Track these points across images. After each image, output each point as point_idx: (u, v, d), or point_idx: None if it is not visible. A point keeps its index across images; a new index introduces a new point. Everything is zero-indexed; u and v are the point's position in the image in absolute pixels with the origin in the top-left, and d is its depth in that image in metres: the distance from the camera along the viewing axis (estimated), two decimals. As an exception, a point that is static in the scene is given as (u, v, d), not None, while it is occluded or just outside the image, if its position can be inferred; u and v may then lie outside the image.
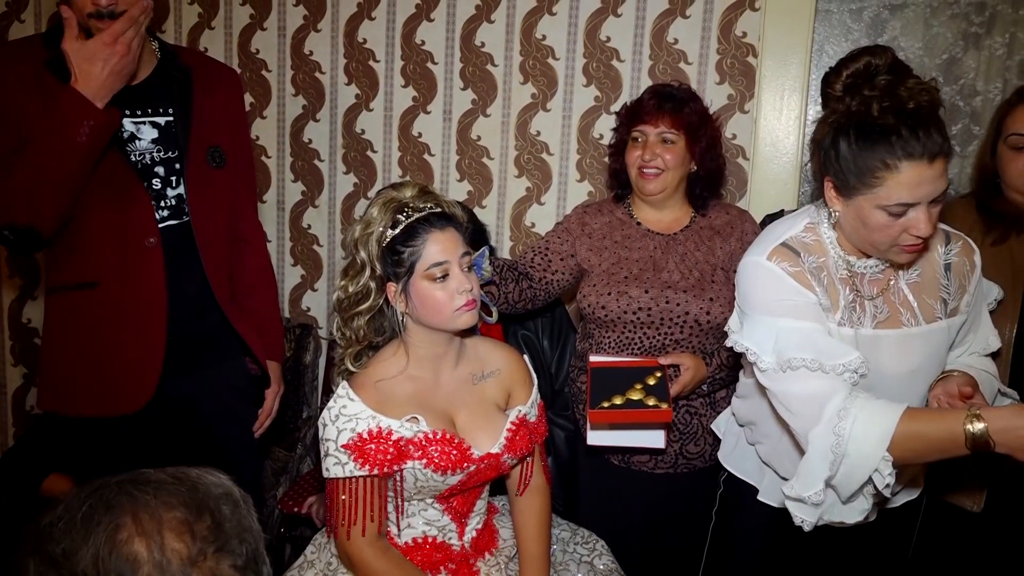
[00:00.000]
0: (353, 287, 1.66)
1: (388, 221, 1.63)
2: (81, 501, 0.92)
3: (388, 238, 1.62)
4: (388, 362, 1.70)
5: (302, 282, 3.18)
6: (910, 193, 1.42)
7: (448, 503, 1.74)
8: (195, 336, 2.03)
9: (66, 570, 0.86)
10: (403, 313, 1.67)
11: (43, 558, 0.88)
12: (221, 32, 3.07)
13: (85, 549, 0.87)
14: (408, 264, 1.62)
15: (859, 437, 1.41)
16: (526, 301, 2.25)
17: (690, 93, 2.21)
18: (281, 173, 3.12)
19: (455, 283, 1.63)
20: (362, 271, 1.64)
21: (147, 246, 1.90)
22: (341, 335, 1.73)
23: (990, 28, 2.59)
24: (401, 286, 1.63)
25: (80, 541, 0.88)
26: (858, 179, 1.46)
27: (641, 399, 1.93)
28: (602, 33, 2.73)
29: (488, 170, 2.91)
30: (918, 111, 1.42)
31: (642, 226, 2.24)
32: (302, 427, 3.03)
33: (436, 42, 2.88)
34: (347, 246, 1.69)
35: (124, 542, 0.89)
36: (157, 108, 1.95)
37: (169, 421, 2.04)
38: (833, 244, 1.61)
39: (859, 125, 1.45)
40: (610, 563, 1.96)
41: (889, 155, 1.41)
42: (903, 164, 1.41)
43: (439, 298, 1.62)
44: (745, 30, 2.62)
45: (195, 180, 1.98)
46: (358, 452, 1.60)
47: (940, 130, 1.43)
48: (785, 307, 1.55)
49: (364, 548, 1.62)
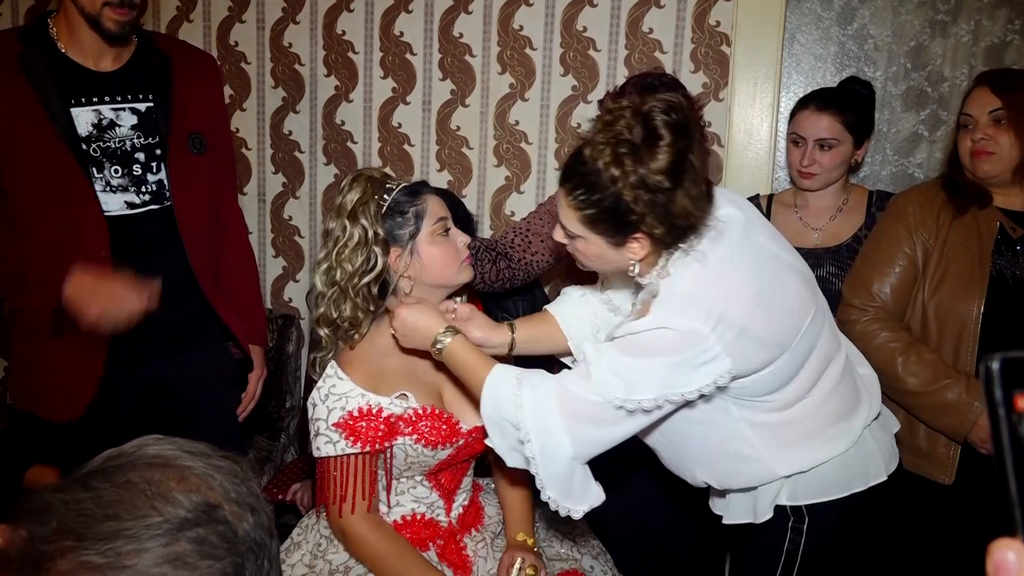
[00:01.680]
0: (354, 261, 1.63)
1: (379, 191, 1.66)
2: (86, 488, 0.85)
3: (387, 202, 1.66)
4: (376, 339, 1.72)
5: (284, 273, 3.19)
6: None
7: (436, 479, 1.77)
8: (176, 320, 2.04)
9: (150, 525, 0.82)
10: (404, 277, 1.68)
11: (95, 538, 0.81)
12: (200, 24, 3.08)
13: (157, 501, 0.83)
14: (413, 223, 1.66)
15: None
16: (504, 281, 2.27)
17: (674, 83, 2.22)
18: (261, 165, 3.14)
19: (459, 237, 1.71)
20: (362, 242, 1.63)
21: (99, 258, 1.90)
22: (339, 316, 1.67)
23: (956, 16, 2.65)
24: (408, 247, 1.66)
25: (139, 500, 0.83)
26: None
27: None
28: (578, 23, 2.77)
29: (467, 160, 2.94)
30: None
31: None
32: (285, 416, 3.04)
33: (415, 33, 2.91)
34: (332, 227, 1.67)
35: (178, 482, 0.86)
36: (136, 94, 1.96)
37: (152, 405, 2.06)
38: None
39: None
40: (592, 539, 2.00)
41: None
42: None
43: (447, 251, 1.69)
44: (719, 19, 2.67)
45: (177, 166, 1.99)
46: (349, 430, 1.62)
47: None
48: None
49: (356, 523, 1.65)
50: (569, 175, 1.46)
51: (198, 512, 0.84)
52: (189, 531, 0.83)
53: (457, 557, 1.76)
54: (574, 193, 1.44)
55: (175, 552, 0.81)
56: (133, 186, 1.95)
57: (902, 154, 2.77)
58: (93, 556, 0.79)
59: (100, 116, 1.91)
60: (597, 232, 1.46)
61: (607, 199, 1.40)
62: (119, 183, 1.94)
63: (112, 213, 1.93)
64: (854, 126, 2.27)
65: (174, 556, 0.81)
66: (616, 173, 1.37)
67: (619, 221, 1.42)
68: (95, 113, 1.91)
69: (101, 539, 0.79)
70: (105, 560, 0.79)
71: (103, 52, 1.93)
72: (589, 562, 1.92)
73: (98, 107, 1.91)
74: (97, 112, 1.91)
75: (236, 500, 0.88)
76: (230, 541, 0.85)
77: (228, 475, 0.90)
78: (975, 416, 1.94)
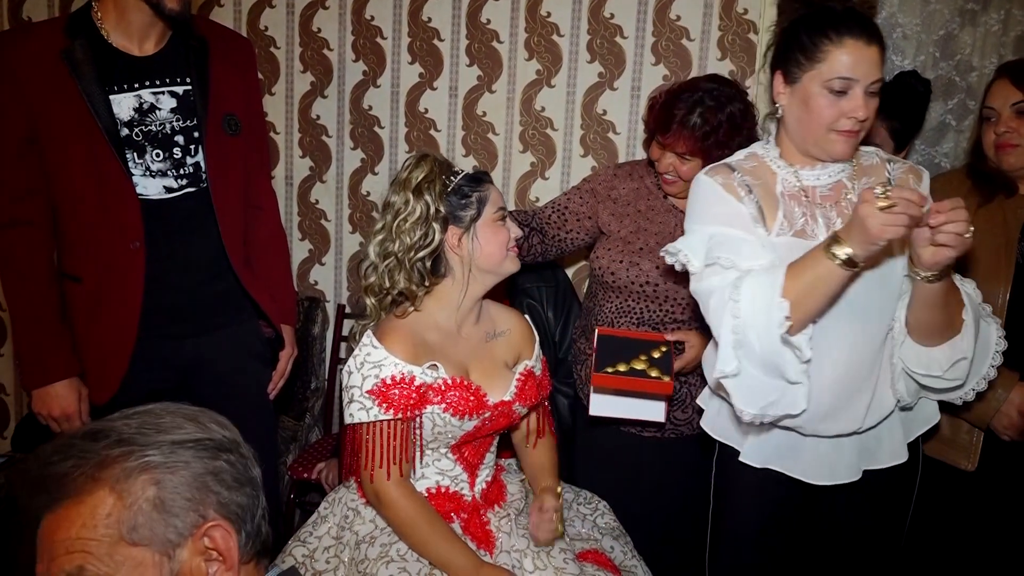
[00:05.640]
0: (412, 234, 1.72)
1: (447, 172, 1.76)
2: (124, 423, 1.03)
3: (454, 183, 1.75)
4: (419, 313, 1.78)
5: (310, 256, 3.23)
6: (850, 68, 1.59)
7: (460, 453, 1.81)
8: (209, 299, 2.09)
9: (198, 440, 1.01)
10: (460, 257, 1.76)
11: (150, 445, 0.99)
12: (231, 9, 3.12)
13: (190, 426, 1.02)
14: (476, 207, 1.75)
15: (751, 296, 1.54)
16: (535, 255, 2.29)
17: (721, 100, 2.09)
18: (289, 149, 3.17)
19: (513, 228, 1.80)
20: (423, 217, 1.72)
21: (131, 249, 1.95)
22: (393, 286, 1.76)
23: (986, 5, 2.64)
24: (467, 228, 1.75)
25: (184, 421, 1.03)
26: (805, 56, 1.63)
27: (644, 369, 1.98)
28: (606, 10, 2.78)
29: (493, 145, 2.97)
30: (860, 9, 1.65)
31: (668, 200, 2.25)
32: (310, 397, 3.09)
33: (442, 19, 2.93)
34: (394, 200, 1.76)
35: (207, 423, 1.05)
36: (175, 78, 2.00)
37: (185, 382, 2.10)
38: (776, 161, 1.74)
39: (812, 13, 1.65)
40: (612, 521, 2.03)
41: (833, 31, 1.60)
42: (846, 39, 1.59)
43: (501, 238, 1.77)
44: (746, 7, 2.67)
45: (213, 148, 2.03)
46: (382, 397, 1.67)
47: (875, 25, 1.63)
48: (714, 214, 1.70)
49: (391, 489, 1.69)
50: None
51: (230, 442, 1.03)
52: (225, 454, 1.01)
53: (481, 531, 1.79)
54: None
55: (216, 467, 0.99)
56: (172, 169, 1.98)
57: (929, 143, 2.76)
58: (153, 455, 0.96)
59: (141, 100, 1.94)
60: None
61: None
62: (159, 168, 1.97)
63: (151, 197, 1.97)
64: (900, 133, 2.28)
65: (215, 470, 0.99)
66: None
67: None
68: (136, 98, 1.94)
69: (157, 446, 0.97)
70: (164, 459, 0.96)
71: (148, 34, 1.95)
72: (609, 543, 1.95)
73: (139, 92, 1.95)
74: (138, 97, 1.95)
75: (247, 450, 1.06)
76: (249, 478, 1.03)
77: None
78: (998, 403, 1.95)
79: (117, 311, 1.98)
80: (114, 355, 2.00)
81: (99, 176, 1.92)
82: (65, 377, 2.00)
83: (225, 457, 1.01)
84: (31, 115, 1.88)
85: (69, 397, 2.00)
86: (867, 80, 1.59)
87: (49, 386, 1.99)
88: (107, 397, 2.00)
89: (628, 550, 1.96)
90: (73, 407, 2.01)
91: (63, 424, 2.02)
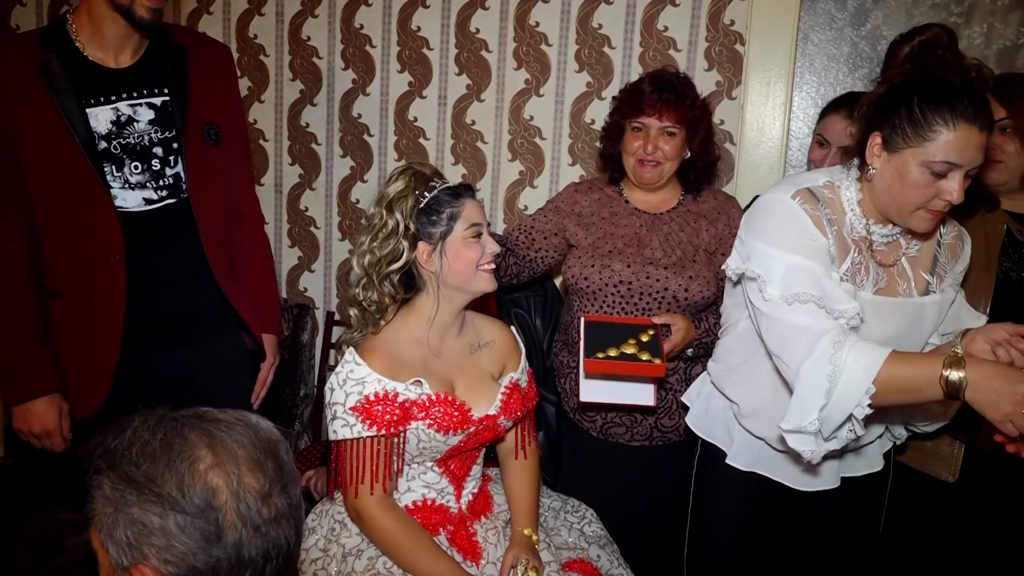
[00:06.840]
0: (382, 249, 1.74)
1: (421, 187, 1.75)
2: (152, 431, 1.03)
3: (426, 200, 1.74)
4: (397, 328, 1.79)
5: (299, 263, 3.24)
6: (958, 154, 1.53)
7: (446, 466, 1.82)
8: (191, 311, 2.08)
9: (149, 491, 0.98)
10: (431, 273, 1.76)
11: (120, 476, 0.99)
12: (219, 17, 3.12)
13: (169, 475, 0.99)
14: (446, 223, 1.73)
15: (851, 367, 1.50)
16: (511, 276, 2.33)
17: (687, 82, 2.26)
18: (279, 156, 3.18)
19: (488, 245, 1.78)
20: (394, 232, 1.73)
21: (112, 263, 1.95)
22: (366, 299, 1.77)
23: (969, 18, 2.67)
24: (437, 245, 1.74)
25: (163, 467, 0.99)
26: (913, 130, 1.55)
27: (635, 353, 1.99)
28: (594, 20, 2.80)
29: (482, 154, 2.98)
30: (978, 85, 1.56)
31: (630, 204, 2.31)
32: (300, 404, 3.10)
33: (432, 28, 2.94)
34: (373, 213, 1.77)
35: (205, 472, 1.00)
36: (152, 88, 1.98)
37: (167, 395, 2.10)
38: (852, 205, 1.70)
39: (928, 83, 1.56)
40: (599, 530, 2.04)
41: (951, 113, 1.52)
42: (961, 124, 1.52)
43: (471, 255, 1.75)
44: (733, 18, 2.69)
45: (193, 158, 2.02)
46: (365, 414, 1.68)
47: (989, 108, 1.55)
48: (798, 244, 1.64)
49: (372, 505, 1.70)
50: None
51: (202, 506, 1.00)
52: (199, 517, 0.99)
53: (467, 543, 1.81)
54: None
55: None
56: (152, 181, 1.97)
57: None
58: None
59: (118, 113, 1.93)
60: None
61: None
62: (138, 180, 1.97)
63: (131, 210, 1.97)
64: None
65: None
66: None
67: None
68: (113, 111, 1.93)
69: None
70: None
71: (124, 45, 1.95)
72: (596, 552, 1.96)
73: (116, 104, 1.94)
74: (115, 110, 1.93)
75: (244, 513, 1.02)
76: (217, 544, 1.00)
77: (258, 482, 1.04)
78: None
79: (99, 326, 1.97)
80: (97, 370, 1.99)
81: (77, 190, 1.91)
82: (45, 394, 1.98)
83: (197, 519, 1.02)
84: (8, 130, 1.87)
85: (49, 414, 1.99)
86: (970, 166, 1.55)
87: (29, 403, 1.98)
88: (91, 412, 2.00)
89: (615, 559, 1.98)
90: (53, 424, 1.99)
91: (44, 441, 2.01)
